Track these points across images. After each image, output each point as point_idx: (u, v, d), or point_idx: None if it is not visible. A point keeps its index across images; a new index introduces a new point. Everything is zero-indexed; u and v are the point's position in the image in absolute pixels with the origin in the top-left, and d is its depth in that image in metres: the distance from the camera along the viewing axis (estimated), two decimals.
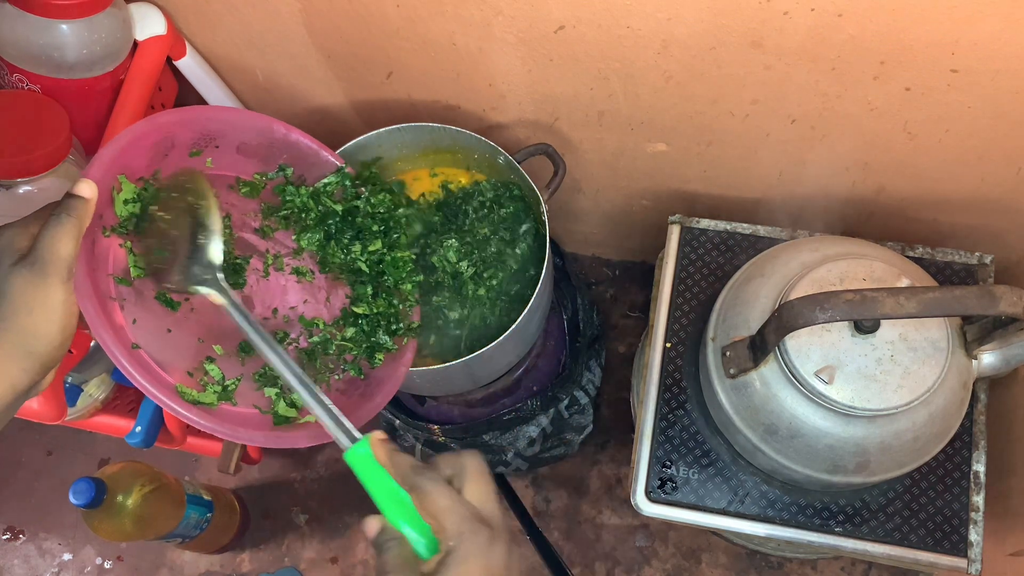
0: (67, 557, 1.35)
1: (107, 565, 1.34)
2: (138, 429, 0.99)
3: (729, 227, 0.97)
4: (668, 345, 0.92)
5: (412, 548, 0.53)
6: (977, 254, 0.92)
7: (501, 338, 0.81)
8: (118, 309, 0.63)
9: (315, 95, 1.02)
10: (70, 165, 0.79)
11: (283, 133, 0.75)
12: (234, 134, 0.73)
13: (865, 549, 0.84)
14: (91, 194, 0.57)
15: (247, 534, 1.33)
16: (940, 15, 0.67)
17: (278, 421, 0.68)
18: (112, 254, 0.64)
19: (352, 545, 1.32)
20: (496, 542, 0.51)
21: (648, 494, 0.87)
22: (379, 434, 0.57)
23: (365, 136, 0.88)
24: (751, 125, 0.90)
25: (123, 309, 0.63)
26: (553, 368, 1.12)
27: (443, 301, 0.87)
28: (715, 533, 1.21)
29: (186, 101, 1.01)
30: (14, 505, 1.39)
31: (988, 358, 0.76)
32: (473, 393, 1.04)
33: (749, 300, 0.80)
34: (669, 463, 0.88)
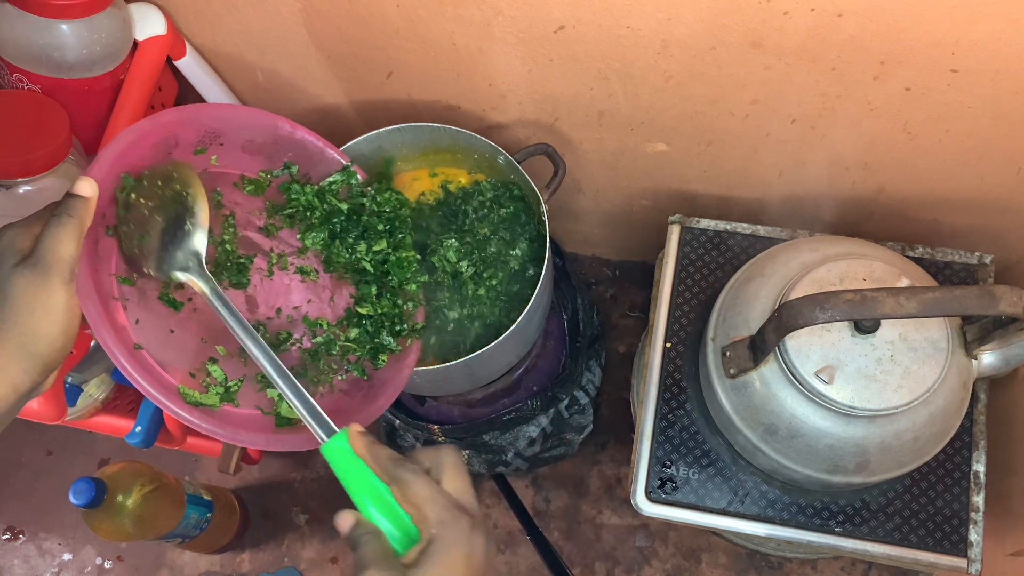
0: (67, 557, 1.35)
1: (107, 565, 1.34)
2: (138, 429, 0.99)
3: (729, 227, 0.97)
4: (668, 345, 0.92)
5: (388, 542, 0.53)
6: (977, 254, 0.92)
7: (501, 338, 0.81)
8: (121, 309, 0.62)
9: (315, 95, 1.02)
10: (70, 165, 0.79)
11: (288, 131, 0.75)
12: (238, 132, 0.72)
13: (865, 549, 0.84)
14: (91, 193, 0.57)
15: (247, 534, 1.33)
16: (940, 15, 0.67)
17: (280, 423, 0.68)
18: (115, 254, 0.64)
19: None
20: (476, 531, 0.52)
21: (648, 494, 0.87)
22: (357, 426, 0.57)
23: (365, 136, 0.88)
24: (751, 125, 0.90)
25: (126, 309, 0.63)
26: (553, 368, 1.12)
27: (443, 301, 0.87)
28: (715, 533, 1.21)
29: (186, 101, 1.01)
30: (14, 505, 1.39)
31: (988, 358, 0.76)
32: (473, 393, 1.04)
33: (749, 300, 0.80)
34: (669, 463, 0.88)
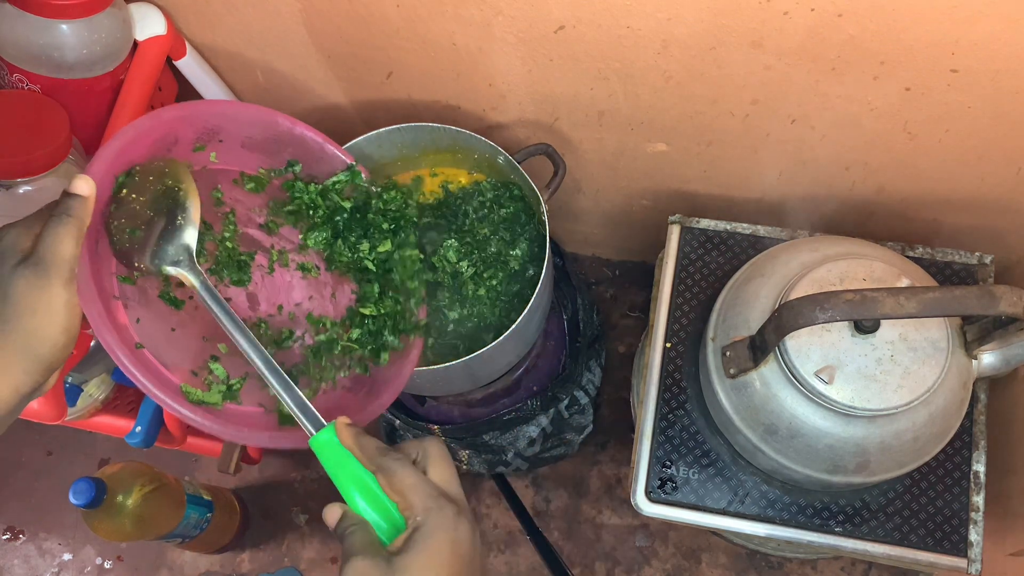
0: (67, 557, 1.35)
1: (107, 565, 1.34)
2: (138, 429, 0.99)
3: (729, 227, 0.97)
4: (668, 345, 0.92)
5: (374, 532, 0.54)
6: (977, 254, 0.92)
7: (501, 338, 0.81)
8: (122, 309, 0.62)
9: (315, 95, 1.02)
10: (70, 165, 0.79)
11: (288, 127, 0.75)
12: (238, 128, 0.72)
13: (865, 549, 0.84)
14: (89, 192, 0.57)
15: (247, 534, 1.33)
16: (940, 15, 0.67)
17: (283, 420, 0.68)
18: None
19: None
20: (462, 518, 0.53)
21: (648, 494, 0.87)
22: (345, 419, 0.58)
23: (365, 136, 0.88)
24: (751, 125, 0.90)
25: (127, 308, 0.63)
26: (553, 368, 1.12)
27: (443, 301, 0.87)
28: (715, 533, 1.21)
29: (186, 101, 1.01)
30: (14, 505, 1.39)
31: (988, 358, 0.76)
32: (473, 393, 1.04)
33: (749, 300, 0.80)
34: (669, 463, 0.88)
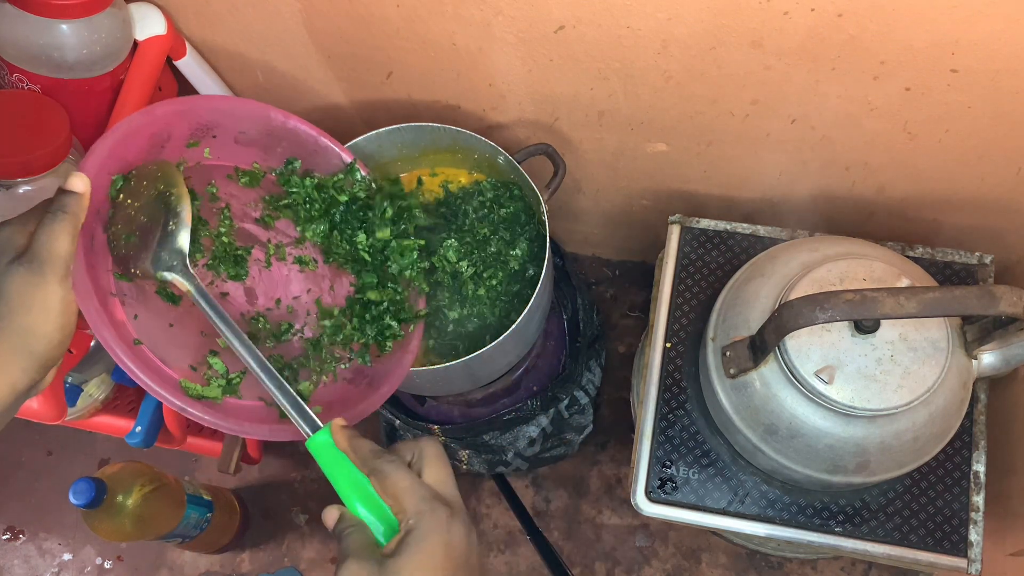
0: (67, 557, 1.35)
1: (107, 565, 1.34)
2: (138, 429, 0.99)
3: (729, 227, 0.97)
4: (668, 345, 0.92)
5: (371, 534, 0.54)
6: (977, 254, 0.92)
7: (501, 338, 0.81)
8: (119, 305, 0.62)
9: (315, 95, 1.02)
10: (70, 165, 0.79)
11: (281, 120, 0.75)
12: (232, 123, 0.72)
13: (865, 549, 0.84)
14: (84, 189, 0.57)
15: (247, 534, 1.33)
16: (940, 15, 0.67)
17: (283, 414, 0.68)
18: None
19: None
20: (455, 520, 0.53)
21: (648, 494, 0.87)
22: (340, 420, 0.58)
23: (365, 136, 0.88)
24: (751, 125, 0.89)
25: (124, 305, 0.63)
26: (553, 368, 1.12)
27: (443, 301, 0.87)
28: (715, 533, 1.21)
29: None
30: (14, 505, 1.39)
31: (988, 358, 0.76)
32: (473, 393, 1.04)
33: (749, 300, 0.80)
34: (669, 463, 0.88)
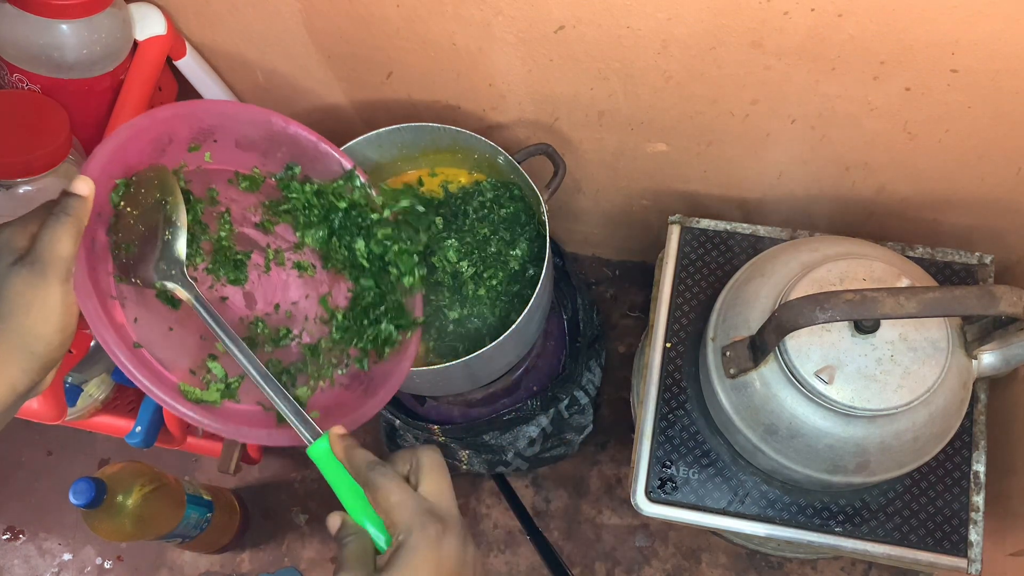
0: (67, 557, 1.35)
1: (107, 565, 1.34)
2: (138, 429, 0.99)
3: (729, 227, 0.97)
4: (668, 345, 0.92)
5: (372, 542, 0.54)
6: (977, 254, 0.92)
7: (501, 338, 0.81)
8: (119, 308, 0.62)
9: (315, 95, 1.02)
10: (70, 165, 0.79)
11: (282, 126, 0.75)
12: (232, 127, 0.72)
13: (865, 549, 0.84)
14: (88, 192, 0.57)
15: (247, 534, 1.33)
16: (940, 15, 0.67)
17: (281, 419, 0.68)
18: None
19: None
20: (447, 535, 0.52)
21: (648, 494, 0.87)
22: (338, 429, 0.58)
23: (365, 136, 0.88)
24: (751, 125, 0.89)
25: (124, 308, 0.63)
26: (553, 368, 1.12)
27: (443, 301, 0.87)
28: (715, 533, 1.21)
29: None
30: (14, 505, 1.39)
31: (988, 358, 0.76)
32: (473, 393, 1.04)
33: (749, 300, 0.80)
34: (669, 463, 0.88)
